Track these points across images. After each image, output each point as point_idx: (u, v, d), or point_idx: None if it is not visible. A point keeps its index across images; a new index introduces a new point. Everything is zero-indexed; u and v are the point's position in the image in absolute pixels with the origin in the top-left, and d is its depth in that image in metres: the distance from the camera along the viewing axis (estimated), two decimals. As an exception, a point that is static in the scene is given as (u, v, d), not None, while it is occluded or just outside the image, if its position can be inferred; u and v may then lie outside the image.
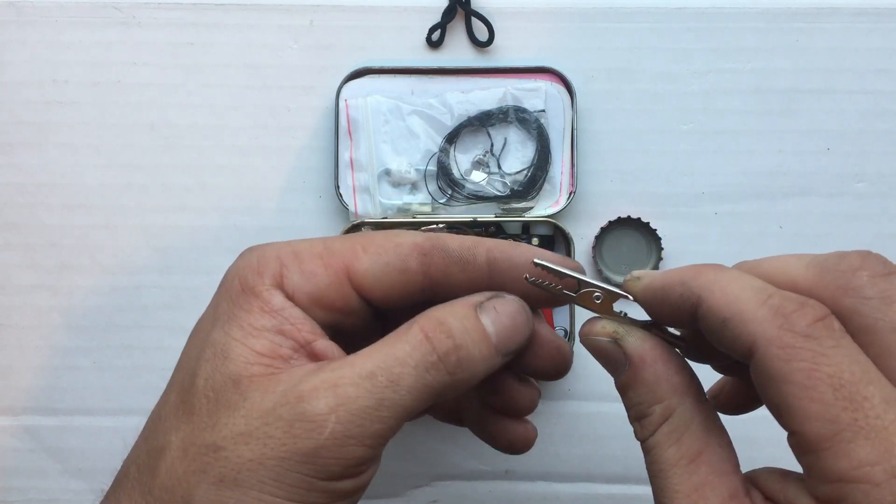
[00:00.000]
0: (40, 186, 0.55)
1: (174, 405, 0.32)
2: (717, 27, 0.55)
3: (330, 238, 0.35)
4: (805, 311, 0.27)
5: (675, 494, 0.29)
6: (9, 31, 0.55)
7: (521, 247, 0.35)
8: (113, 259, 0.55)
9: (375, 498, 0.56)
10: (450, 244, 0.35)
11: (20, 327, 0.56)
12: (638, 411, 0.31)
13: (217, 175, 0.55)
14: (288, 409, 0.30)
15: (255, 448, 0.30)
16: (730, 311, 0.28)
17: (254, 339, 0.32)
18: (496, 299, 0.34)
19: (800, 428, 0.26)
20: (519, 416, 0.39)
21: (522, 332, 0.34)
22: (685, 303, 0.30)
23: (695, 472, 0.29)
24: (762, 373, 0.27)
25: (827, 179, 0.55)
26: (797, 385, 0.26)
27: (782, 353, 0.26)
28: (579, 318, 0.54)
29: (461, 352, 0.32)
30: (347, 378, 0.30)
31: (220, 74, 0.55)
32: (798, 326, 0.27)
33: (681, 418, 0.30)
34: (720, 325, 0.28)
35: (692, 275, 0.30)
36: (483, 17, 0.55)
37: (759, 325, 0.27)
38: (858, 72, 0.55)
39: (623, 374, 0.31)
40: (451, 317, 0.33)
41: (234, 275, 0.34)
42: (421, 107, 0.54)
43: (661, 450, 0.30)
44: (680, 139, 0.55)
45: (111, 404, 0.55)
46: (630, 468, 0.55)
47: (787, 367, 0.26)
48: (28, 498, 0.56)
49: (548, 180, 0.54)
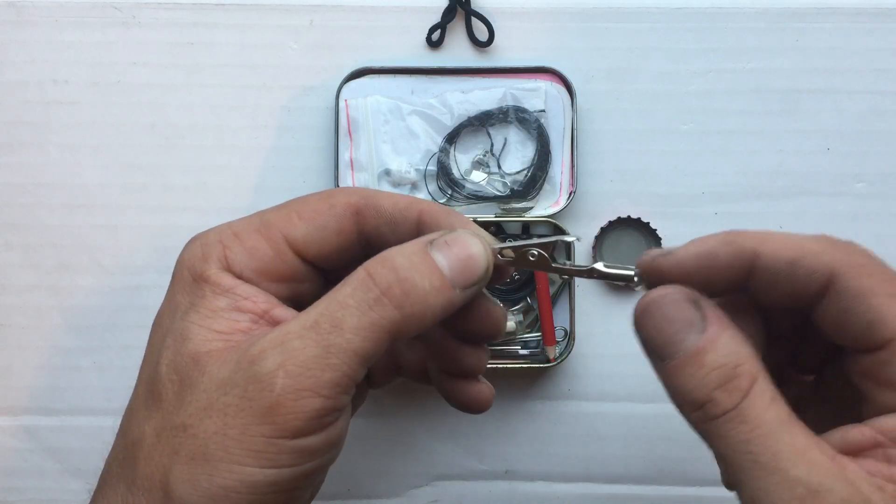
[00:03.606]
0: (40, 186, 0.55)
1: (143, 397, 0.33)
2: (717, 27, 0.55)
3: (266, 210, 0.36)
4: (856, 247, 0.30)
5: (794, 453, 0.27)
6: (9, 31, 0.55)
7: (452, 215, 0.35)
8: (113, 259, 0.55)
9: (375, 498, 0.56)
10: (383, 203, 0.35)
11: (20, 327, 0.56)
12: (723, 374, 0.29)
13: (217, 175, 0.55)
14: (241, 374, 0.30)
15: (216, 419, 0.30)
16: (797, 252, 0.29)
17: (211, 321, 0.32)
18: (449, 234, 0.33)
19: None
20: (469, 376, 0.38)
21: (479, 263, 0.33)
22: (736, 261, 0.30)
23: (796, 432, 0.28)
24: (847, 294, 0.29)
25: (827, 179, 0.55)
26: (887, 295, 0.28)
27: (864, 270, 0.29)
28: (579, 318, 0.54)
29: (405, 284, 0.31)
30: (294, 332, 0.30)
31: (220, 74, 0.55)
32: (863, 253, 0.29)
33: (766, 379, 0.29)
34: (787, 268, 0.29)
35: (734, 235, 0.31)
36: (483, 17, 0.55)
37: (831, 255, 0.29)
38: (858, 72, 0.55)
39: (699, 337, 0.29)
40: (397, 254, 0.32)
41: (182, 266, 0.34)
42: (421, 107, 0.54)
43: (761, 410, 0.28)
44: (680, 139, 0.55)
45: (111, 404, 0.55)
46: (630, 468, 0.55)
47: (872, 282, 0.29)
48: (28, 498, 0.56)
49: (548, 180, 0.54)
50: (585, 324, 0.54)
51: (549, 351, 0.54)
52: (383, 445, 0.56)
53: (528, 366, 0.54)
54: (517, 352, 0.54)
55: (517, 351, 0.54)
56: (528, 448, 0.55)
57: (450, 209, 0.35)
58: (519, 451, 0.55)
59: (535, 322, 0.55)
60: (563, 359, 0.54)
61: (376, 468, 0.56)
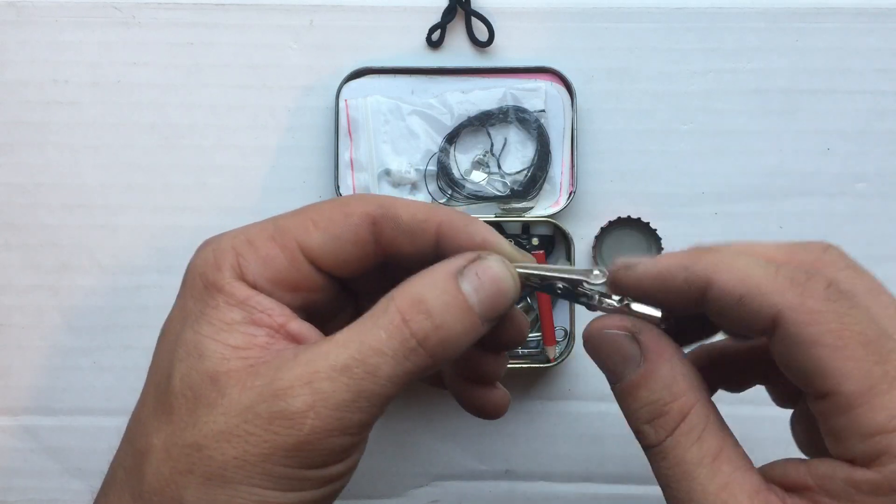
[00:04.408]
0: (40, 186, 0.55)
1: (152, 407, 0.32)
2: (717, 27, 0.55)
3: (281, 216, 0.35)
4: (817, 278, 0.28)
5: (705, 496, 0.28)
6: (9, 31, 0.55)
7: (473, 225, 0.34)
8: (113, 259, 0.55)
9: (375, 498, 0.56)
10: (401, 214, 0.34)
11: (20, 327, 0.56)
12: (652, 410, 0.30)
13: (217, 175, 0.55)
14: (265, 406, 0.30)
15: (237, 446, 0.30)
16: (746, 288, 0.28)
17: (226, 335, 0.31)
18: (478, 263, 0.32)
19: (836, 388, 0.27)
20: (487, 382, 0.38)
21: (508, 295, 0.32)
22: (691, 287, 0.29)
23: (718, 470, 0.28)
24: (790, 340, 0.27)
25: (827, 179, 0.55)
26: (829, 346, 0.27)
27: (809, 318, 0.27)
28: (580, 318, 0.54)
29: (441, 332, 0.31)
30: (323, 372, 0.30)
31: (220, 74, 0.55)
32: (817, 292, 0.27)
33: (698, 416, 0.29)
34: (736, 303, 0.28)
35: (693, 259, 0.29)
36: (483, 17, 0.55)
37: (780, 296, 0.27)
38: (858, 72, 0.55)
39: (635, 371, 0.30)
40: (429, 292, 0.31)
41: (193, 273, 0.33)
42: (421, 107, 0.54)
43: (682, 450, 0.29)
44: (680, 139, 0.55)
45: (111, 404, 0.55)
46: (630, 468, 0.55)
47: (816, 331, 0.27)
48: (28, 498, 0.56)
49: (548, 180, 0.54)
50: (585, 324, 0.54)
51: (550, 351, 0.54)
52: (383, 445, 0.56)
53: (528, 366, 0.54)
54: (517, 352, 0.54)
55: (517, 351, 0.54)
56: (529, 448, 0.55)
57: (469, 217, 0.34)
58: (519, 451, 0.56)
59: (536, 322, 0.55)
60: (563, 359, 0.54)
61: (376, 468, 0.56)
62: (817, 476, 0.28)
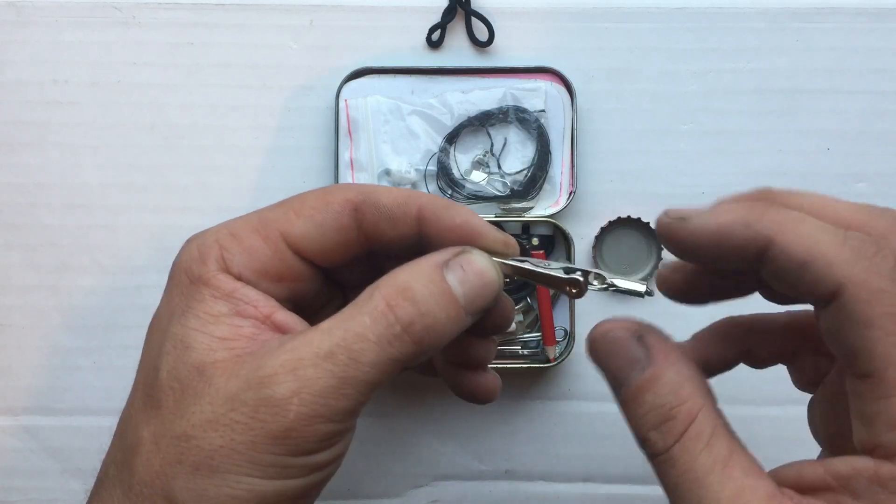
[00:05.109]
0: (40, 186, 0.55)
1: (141, 402, 0.32)
2: (717, 27, 0.55)
3: (263, 209, 0.35)
4: (885, 254, 0.27)
5: (716, 503, 0.27)
6: (9, 31, 0.55)
7: (454, 208, 0.34)
8: (113, 259, 0.55)
9: (375, 498, 0.56)
10: (382, 199, 0.34)
11: (20, 327, 0.56)
12: (659, 415, 0.28)
13: (217, 175, 0.55)
14: (251, 394, 0.30)
15: (224, 434, 0.30)
16: (810, 255, 0.27)
17: (213, 327, 0.32)
18: (463, 256, 0.33)
19: (881, 373, 0.26)
20: (478, 367, 0.38)
21: (491, 289, 0.33)
22: (750, 245, 0.28)
23: (730, 477, 0.27)
24: (846, 316, 0.26)
25: (827, 179, 0.55)
26: (884, 330, 0.26)
27: (871, 296, 0.26)
28: (579, 318, 0.54)
29: (426, 319, 0.31)
30: (307, 359, 0.30)
31: (220, 74, 0.55)
32: (884, 271, 0.26)
33: (706, 420, 0.28)
34: (797, 268, 0.27)
35: (756, 215, 0.28)
36: (483, 17, 0.54)
37: (845, 268, 0.26)
38: (858, 72, 0.55)
39: (641, 375, 0.29)
40: (415, 280, 0.31)
41: (179, 268, 0.34)
42: (421, 107, 0.54)
43: (691, 457, 0.28)
44: (680, 139, 0.55)
45: (111, 404, 0.55)
46: (630, 468, 0.55)
47: (875, 312, 0.26)
48: (28, 498, 0.56)
49: (548, 180, 0.54)
50: (585, 324, 0.54)
51: (549, 351, 0.54)
52: (383, 445, 0.56)
53: (528, 366, 0.54)
54: (517, 352, 0.54)
55: (517, 351, 0.54)
56: (528, 448, 0.55)
57: (449, 202, 0.35)
58: (519, 451, 0.56)
59: (535, 322, 0.55)
60: (563, 359, 0.54)
61: (376, 468, 0.56)
62: (838, 475, 0.27)
